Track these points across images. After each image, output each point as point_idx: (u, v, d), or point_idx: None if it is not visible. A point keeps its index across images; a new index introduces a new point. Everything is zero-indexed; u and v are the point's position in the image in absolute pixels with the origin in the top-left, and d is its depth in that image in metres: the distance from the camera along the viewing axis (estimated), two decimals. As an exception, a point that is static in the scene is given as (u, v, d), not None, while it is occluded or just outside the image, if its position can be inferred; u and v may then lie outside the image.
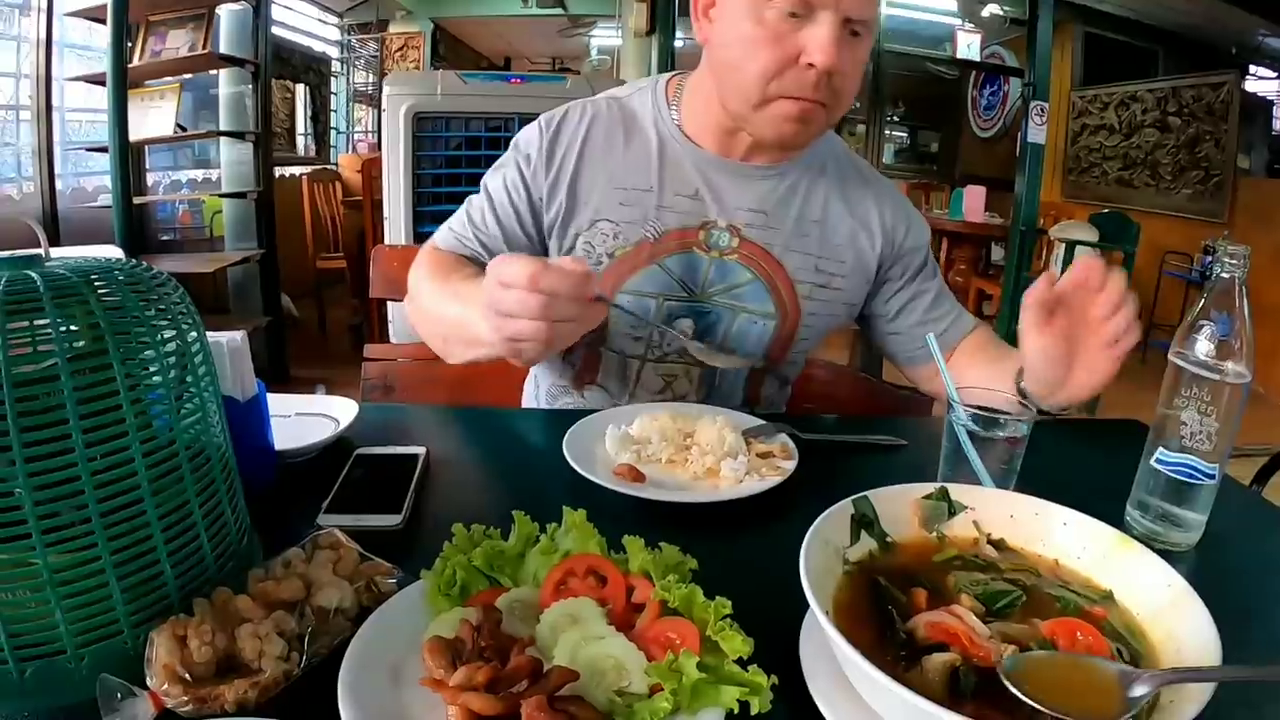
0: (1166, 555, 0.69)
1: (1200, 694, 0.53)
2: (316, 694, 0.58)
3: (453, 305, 1.10)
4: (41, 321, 0.56)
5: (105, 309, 0.60)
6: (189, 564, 0.65)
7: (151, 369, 0.63)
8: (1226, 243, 0.86)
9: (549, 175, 1.30)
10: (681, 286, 1.29)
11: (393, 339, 3.29)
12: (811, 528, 0.68)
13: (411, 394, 1.55)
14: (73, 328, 0.58)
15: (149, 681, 0.57)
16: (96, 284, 0.60)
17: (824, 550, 0.69)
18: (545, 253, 1.34)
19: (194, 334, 0.68)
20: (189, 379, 0.67)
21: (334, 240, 5.87)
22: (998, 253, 6.63)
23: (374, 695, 0.58)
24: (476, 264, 1.29)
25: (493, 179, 1.35)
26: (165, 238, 5.01)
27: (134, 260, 0.68)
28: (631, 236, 1.28)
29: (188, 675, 0.57)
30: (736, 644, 0.61)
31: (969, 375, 1.22)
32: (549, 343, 0.87)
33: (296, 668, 0.61)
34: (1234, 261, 0.87)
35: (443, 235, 1.35)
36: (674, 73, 1.37)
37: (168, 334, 0.65)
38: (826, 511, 0.71)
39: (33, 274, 0.58)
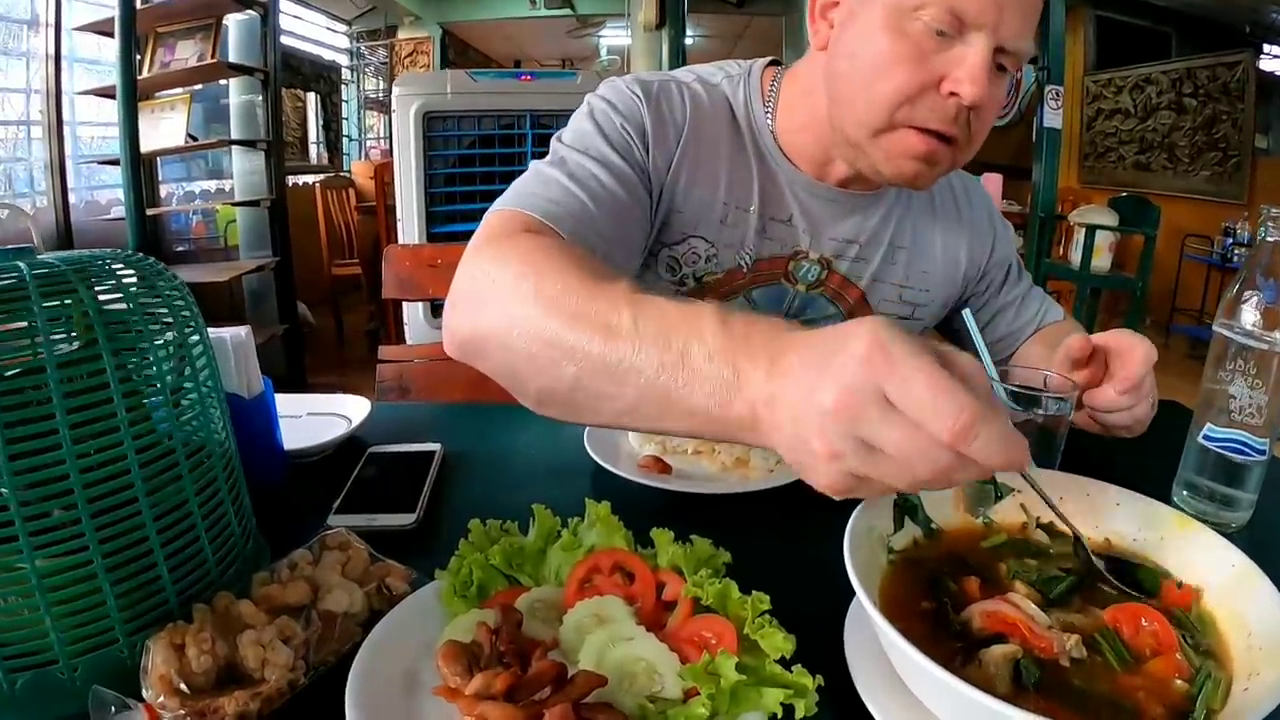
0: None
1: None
2: (324, 705, 0.55)
3: (616, 339, 0.62)
4: (29, 314, 0.54)
5: (96, 301, 0.57)
6: (188, 568, 0.62)
7: (147, 363, 0.61)
8: (1269, 207, 0.82)
9: (658, 154, 1.07)
10: None
11: (409, 341, 3.28)
12: (854, 515, 0.64)
13: (427, 395, 1.52)
14: (66, 318, 0.56)
15: (144, 693, 0.54)
16: (88, 276, 0.58)
17: (868, 538, 0.65)
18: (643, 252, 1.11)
19: (192, 326, 0.65)
20: (187, 374, 0.65)
21: (349, 247, 5.95)
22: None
23: (384, 706, 0.55)
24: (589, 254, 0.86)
25: (585, 140, 1.05)
26: (180, 248, 5.06)
27: (130, 252, 0.65)
28: (725, 262, 1.13)
29: (185, 686, 0.54)
30: (777, 642, 0.58)
31: (1031, 357, 1.21)
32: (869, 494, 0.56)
33: (302, 677, 0.57)
34: (1277, 225, 0.83)
35: (534, 204, 0.92)
36: (769, 61, 1.18)
37: (164, 327, 0.62)
38: (867, 499, 0.67)
39: (21, 265, 0.56)
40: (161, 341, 0.62)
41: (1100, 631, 0.61)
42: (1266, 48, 6.35)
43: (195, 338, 0.65)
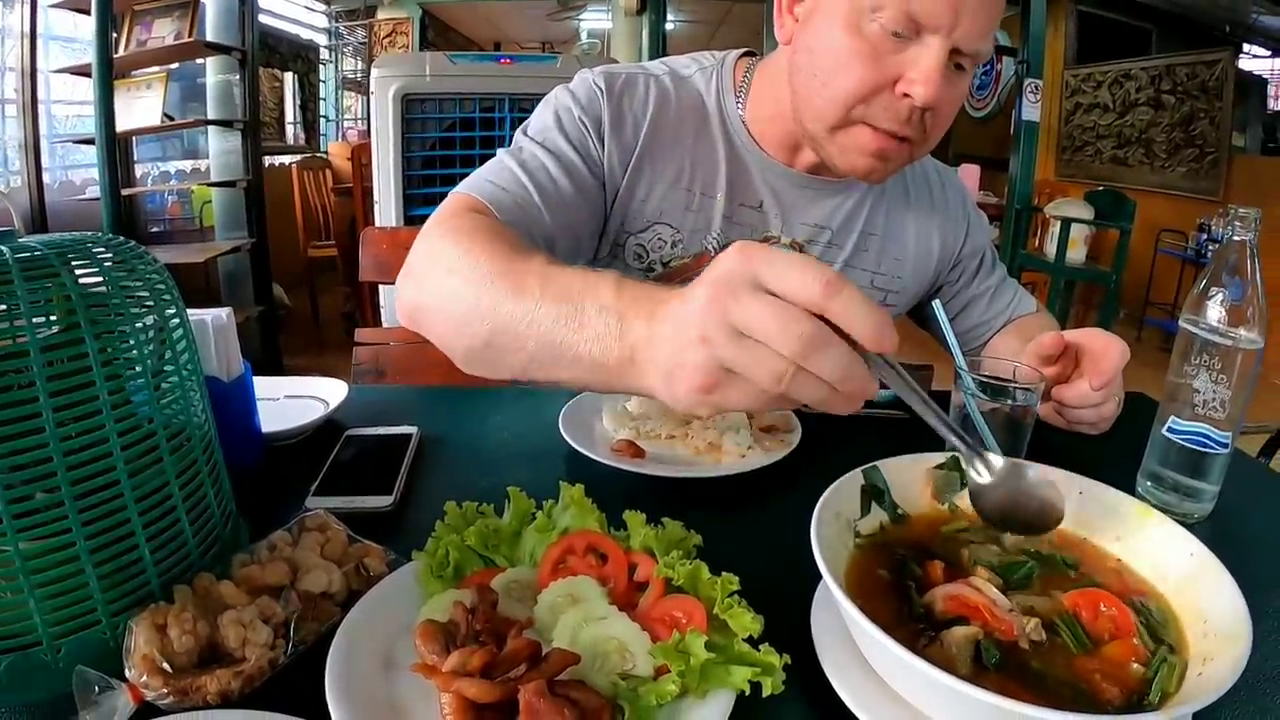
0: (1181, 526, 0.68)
1: (1233, 667, 0.51)
2: (304, 683, 0.56)
3: (524, 299, 0.70)
4: (12, 298, 0.54)
5: (79, 285, 0.57)
6: (170, 549, 0.62)
7: (127, 346, 0.61)
8: (1236, 207, 0.84)
9: (614, 148, 1.11)
10: None
11: (385, 324, 3.26)
12: (822, 498, 0.66)
13: (404, 378, 1.52)
14: (47, 300, 0.56)
15: (127, 673, 0.55)
16: (71, 259, 0.58)
17: (835, 522, 0.67)
18: (603, 238, 1.17)
19: (173, 309, 0.65)
20: (168, 357, 0.65)
21: (325, 228, 5.84)
22: (993, 231, 6.60)
23: (363, 684, 0.56)
24: (526, 238, 0.93)
25: (544, 133, 1.10)
26: (155, 229, 4.99)
27: (111, 235, 0.65)
28: (691, 246, 1.16)
29: (168, 666, 0.55)
30: (746, 621, 0.59)
31: (1000, 349, 1.21)
32: (771, 400, 0.56)
33: (282, 655, 0.58)
34: (1244, 225, 0.85)
35: (482, 188, 1.01)
36: (742, 52, 1.21)
37: (145, 310, 0.63)
38: (837, 482, 0.69)
39: (4, 249, 0.56)
40: (142, 325, 0.62)
41: (1060, 616, 0.62)
42: (1245, 47, 6.42)
43: (175, 320, 0.65)
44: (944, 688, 0.50)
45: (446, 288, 0.79)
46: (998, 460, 0.68)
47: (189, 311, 0.78)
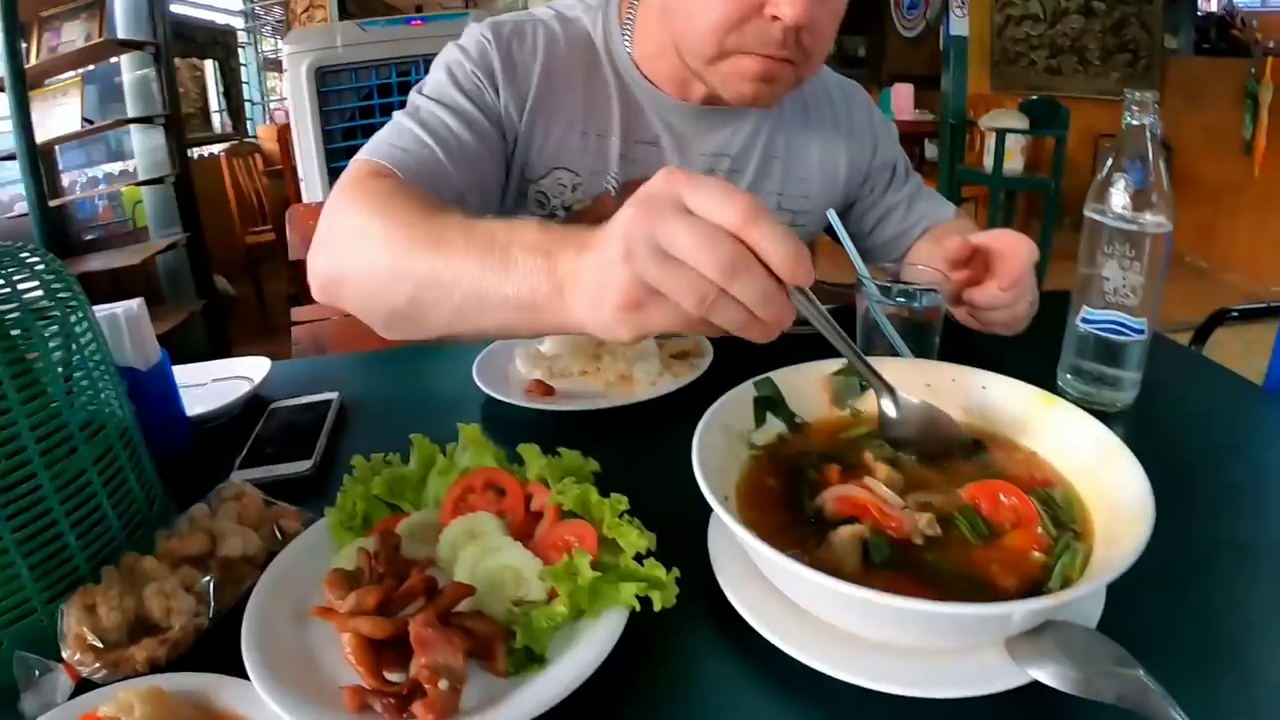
0: (1104, 416, 0.67)
1: (1135, 545, 0.52)
2: (228, 646, 0.57)
3: (446, 253, 0.72)
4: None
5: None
6: (94, 535, 0.64)
7: (34, 345, 0.62)
8: (1133, 91, 0.84)
9: (509, 97, 1.10)
10: None
11: (324, 300, 3.24)
12: (706, 413, 0.67)
13: (345, 351, 1.48)
14: None
15: (63, 654, 0.57)
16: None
17: (724, 436, 0.68)
18: (505, 189, 1.16)
19: (79, 312, 0.67)
20: (76, 356, 0.66)
21: (261, 214, 5.71)
22: (932, 150, 6.62)
23: (277, 637, 0.58)
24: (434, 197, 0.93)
25: (440, 90, 1.09)
26: (89, 237, 4.83)
27: (8, 244, 0.67)
28: (591, 189, 1.15)
29: (99, 642, 0.57)
30: (633, 539, 0.61)
31: (920, 257, 1.22)
32: (692, 323, 0.57)
33: (206, 621, 0.61)
34: (1142, 109, 0.85)
35: (383, 151, 0.99)
36: None
37: (50, 320, 0.64)
38: (723, 396, 0.70)
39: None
40: (48, 330, 0.63)
41: (958, 509, 0.63)
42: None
43: (80, 320, 0.67)
44: (822, 588, 0.51)
45: (362, 255, 0.80)
46: (909, 399, 0.70)
47: (101, 307, 0.80)
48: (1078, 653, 0.52)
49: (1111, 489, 0.61)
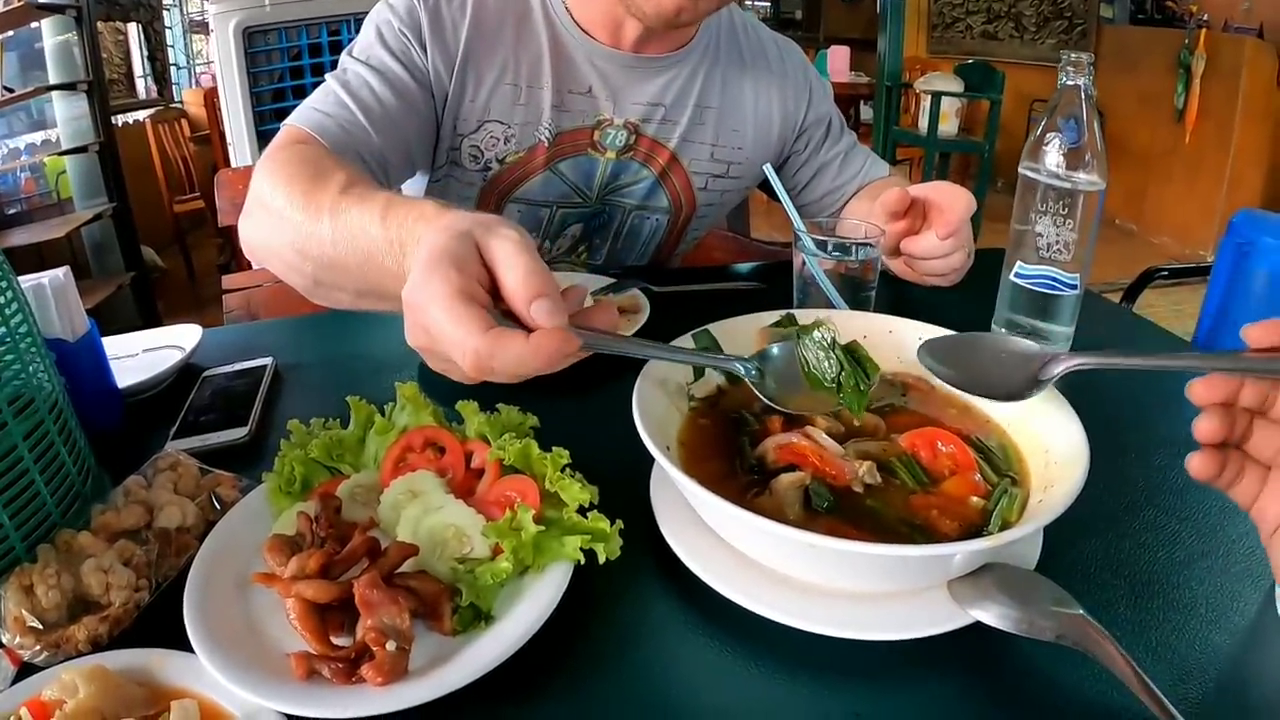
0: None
1: (1071, 488, 0.54)
2: (170, 619, 0.56)
3: (334, 238, 0.73)
4: None
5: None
6: (27, 513, 0.62)
7: None
8: (1068, 52, 0.86)
9: (437, 55, 1.10)
10: (576, 192, 1.21)
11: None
12: (645, 367, 0.67)
13: (279, 316, 1.42)
14: None
15: (3, 638, 0.55)
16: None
17: (663, 389, 0.68)
18: (438, 146, 1.17)
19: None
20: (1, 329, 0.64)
21: (189, 181, 5.53)
22: (867, 112, 6.68)
23: (219, 607, 0.56)
24: (356, 161, 0.98)
25: (368, 50, 1.09)
26: (11, 211, 4.64)
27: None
28: (525, 140, 1.16)
29: (39, 624, 0.55)
30: (575, 492, 0.61)
31: (856, 214, 1.22)
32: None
33: (147, 595, 0.59)
34: (1077, 70, 0.86)
35: (307, 116, 1.00)
36: None
37: None
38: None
39: None
40: None
41: (898, 457, 0.64)
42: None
43: (4, 289, 0.64)
44: (768, 533, 0.52)
45: (273, 231, 0.82)
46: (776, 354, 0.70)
47: (26, 276, 0.76)
48: (1018, 593, 0.53)
49: (1047, 436, 0.63)
